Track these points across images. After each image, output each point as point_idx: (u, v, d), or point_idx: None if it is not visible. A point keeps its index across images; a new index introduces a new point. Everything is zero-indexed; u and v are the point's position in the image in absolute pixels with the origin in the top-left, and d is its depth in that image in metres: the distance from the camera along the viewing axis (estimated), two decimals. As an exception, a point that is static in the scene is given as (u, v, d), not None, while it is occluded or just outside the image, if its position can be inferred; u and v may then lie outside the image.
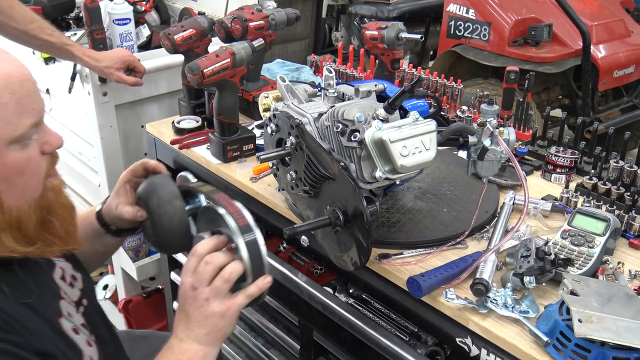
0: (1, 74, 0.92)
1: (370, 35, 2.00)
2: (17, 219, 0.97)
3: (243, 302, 1.08)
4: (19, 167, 0.95)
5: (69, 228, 1.07)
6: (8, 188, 0.95)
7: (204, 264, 1.06)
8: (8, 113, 0.92)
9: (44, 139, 1.00)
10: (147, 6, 3.01)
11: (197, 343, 1.07)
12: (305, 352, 1.66)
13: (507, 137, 1.38)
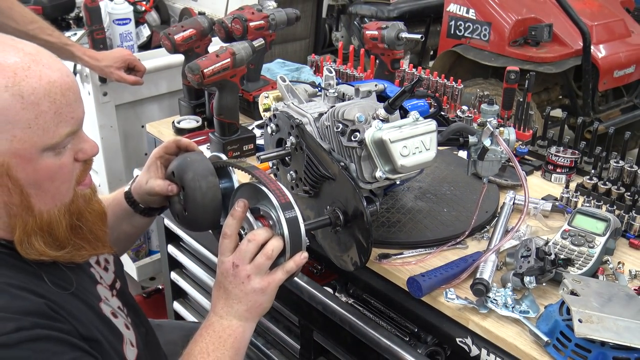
0: (44, 82, 0.91)
1: (370, 35, 2.00)
2: (47, 223, 0.97)
3: (282, 278, 1.10)
4: (51, 174, 0.95)
5: (98, 234, 1.07)
6: (38, 193, 0.95)
7: (246, 242, 1.09)
8: (46, 121, 0.91)
9: (79, 147, 1.00)
10: (147, 6, 3.01)
11: (237, 319, 1.10)
12: (305, 352, 1.66)
13: (507, 137, 1.38)
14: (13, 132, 0.89)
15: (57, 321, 0.92)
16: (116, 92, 2.40)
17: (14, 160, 0.90)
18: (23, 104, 0.88)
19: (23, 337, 0.86)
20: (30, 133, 0.90)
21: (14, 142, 0.89)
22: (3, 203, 0.94)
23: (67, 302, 0.98)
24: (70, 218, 1.01)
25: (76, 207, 1.02)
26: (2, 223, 0.96)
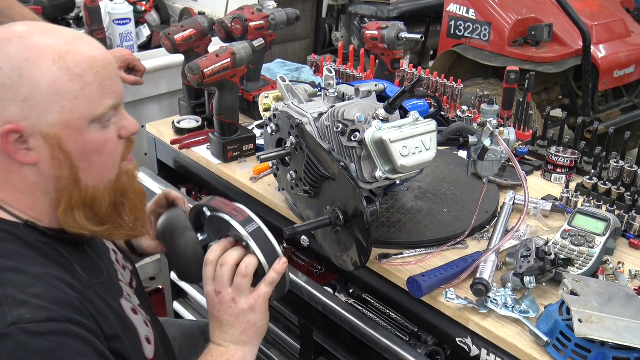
0: (87, 56, 0.96)
1: (370, 35, 2.00)
2: (91, 199, 1.01)
3: (267, 290, 1.10)
4: (98, 147, 0.99)
5: (138, 214, 1.11)
6: (86, 166, 0.99)
7: (219, 267, 1.09)
8: (91, 92, 0.96)
9: (121, 124, 1.04)
10: (147, 6, 3.01)
11: (235, 344, 1.10)
12: (305, 352, 1.66)
13: (507, 137, 1.38)
14: (62, 103, 0.94)
15: (86, 318, 0.93)
16: (116, 92, 2.39)
17: (65, 132, 0.95)
18: (70, 76, 0.94)
19: (53, 329, 0.87)
20: (77, 104, 0.95)
21: (63, 113, 0.94)
22: (54, 177, 0.97)
23: (93, 295, 0.99)
24: (115, 195, 1.05)
25: (121, 185, 1.06)
26: (48, 201, 0.99)
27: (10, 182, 0.97)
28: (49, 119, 0.94)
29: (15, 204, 0.98)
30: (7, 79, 0.92)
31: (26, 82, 0.92)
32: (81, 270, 1.00)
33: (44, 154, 0.95)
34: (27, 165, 0.96)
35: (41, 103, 0.93)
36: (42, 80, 0.92)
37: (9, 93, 0.92)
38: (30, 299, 0.87)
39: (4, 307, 0.85)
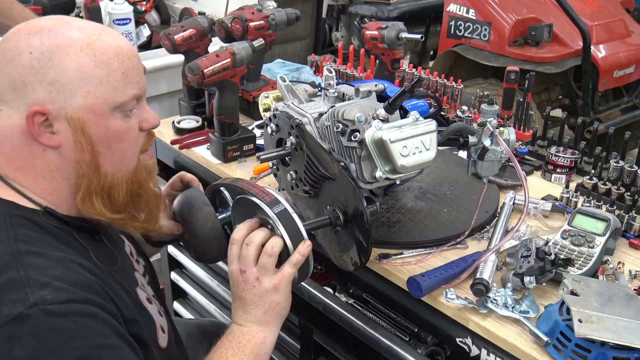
0: (113, 46, 1.00)
1: (370, 35, 2.00)
2: (109, 186, 1.03)
3: (291, 271, 1.12)
4: (119, 134, 1.02)
5: (153, 209, 1.13)
6: (107, 152, 1.01)
7: (245, 246, 1.11)
8: (115, 80, 1.00)
9: (143, 116, 1.07)
10: (147, 6, 3.01)
11: (257, 324, 1.12)
12: (305, 352, 1.66)
13: (507, 137, 1.38)
14: (87, 88, 0.97)
15: (105, 301, 0.94)
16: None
17: (88, 116, 0.98)
18: (96, 62, 0.98)
19: (73, 309, 0.88)
20: (102, 90, 0.98)
21: (87, 97, 0.97)
22: (75, 161, 1.00)
23: (112, 280, 1.01)
24: (132, 186, 1.07)
25: (138, 177, 1.08)
26: (68, 186, 1.01)
27: (33, 167, 1.00)
28: (73, 103, 0.97)
29: (35, 189, 1.01)
30: (37, 62, 0.95)
31: (54, 66, 0.95)
32: (96, 258, 1.02)
33: (67, 137, 0.98)
34: (50, 148, 0.98)
35: (67, 87, 0.96)
36: (70, 64, 0.96)
37: (38, 76, 0.95)
38: (51, 280, 0.89)
39: (25, 289, 0.87)
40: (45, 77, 0.95)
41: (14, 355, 0.84)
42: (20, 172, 1.00)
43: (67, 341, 0.86)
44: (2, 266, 0.89)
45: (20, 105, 0.96)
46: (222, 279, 1.99)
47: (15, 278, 0.88)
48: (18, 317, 0.85)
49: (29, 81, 0.95)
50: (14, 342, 0.84)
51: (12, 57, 0.96)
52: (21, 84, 0.95)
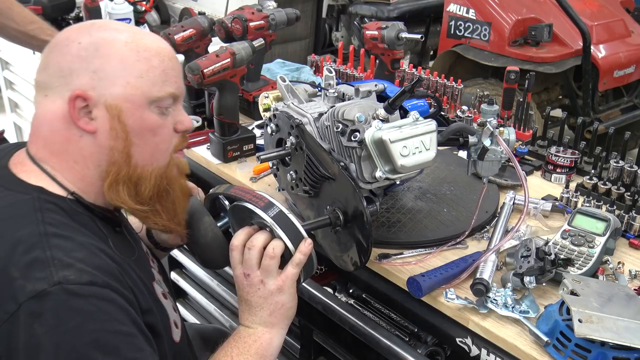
0: (155, 45, 1.06)
1: (370, 35, 2.00)
2: (138, 177, 1.05)
3: (294, 271, 1.13)
4: (154, 128, 1.06)
5: (178, 209, 1.14)
6: (140, 143, 1.04)
7: (247, 251, 1.13)
8: (155, 75, 1.04)
9: (179, 118, 1.11)
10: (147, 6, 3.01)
11: (263, 326, 1.14)
12: (305, 352, 1.66)
13: (507, 137, 1.38)
14: (127, 79, 1.02)
15: (125, 289, 0.97)
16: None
17: (126, 105, 1.02)
18: (138, 56, 1.03)
19: (93, 292, 0.90)
20: (141, 82, 1.03)
21: (127, 87, 1.02)
22: (108, 148, 1.03)
23: (131, 270, 1.03)
24: (161, 182, 1.09)
25: (169, 174, 1.10)
26: (98, 174, 1.04)
27: (67, 151, 1.03)
28: (113, 91, 1.01)
29: (66, 173, 1.04)
30: (84, 51, 1.01)
31: (100, 56, 1.01)
32: (115, 247, 1.04)
33: (103, 124, 1.01)
34: (86, 134, 1.02)
35: (109, 75, 1.01)
36: (114, 55, 1.01)
37: (84, 63, 1.00)
38: (75, 262, 0.91)
39: (50, 268, 0.89)
40: (90, 65, 1.00)
41: (34, 331, 0.86)
42: (54, 156, 1.03)
43: (85, 322, 0.89)
44: (30, 245, 0.92)
45: (64, 91, 1.01)
46: (222, 279, 1.99)
47: (41, 257, 0.91)
48: (41, 294, 0.87)
49: (75, 68, 1.01)
50: (35, 318, 0.87)
51: (62, 47, 1.03)
52: (68, 70, 1.01)
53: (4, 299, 0.88)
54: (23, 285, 0.88)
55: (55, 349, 0.87)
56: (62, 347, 0.87)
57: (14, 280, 0.88)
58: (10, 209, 0.97)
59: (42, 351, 0.86)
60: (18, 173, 1.04)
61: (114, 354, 0.90)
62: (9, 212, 0.97)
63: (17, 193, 1.00)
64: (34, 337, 0.86)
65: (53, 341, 0.87)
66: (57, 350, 0.87)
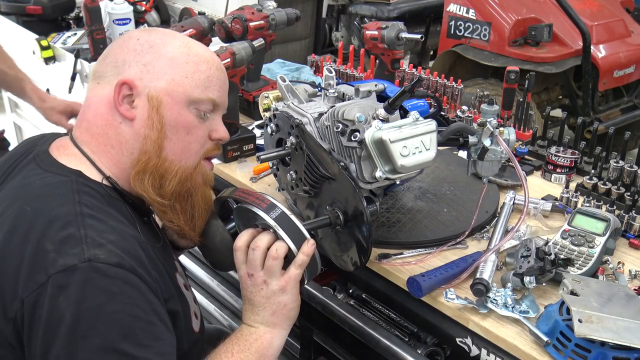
0: (207, 54, 1.15)
1: (370, 35, 2.00)
2: (164, 170, 1.09)
3: (297, 272, 1.15)
4: (188, 126, 1.11)
5: (196, 215, 1.17)
6: (173, 138, 1.09)
7: (251, 251, 1.14)
8: (199, 79, 1.11)
9: (215, 127, 1.17)
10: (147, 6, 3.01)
11: (264, 325, 1.15)
12: (305, 352, 1.66)
13: (507, 137, 1.38)
14: (173, 76, 1.09)
15: (149, 276, 0.99)
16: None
17: (166, 99, 1.08)
18: (187, 59, 1.10)
19: (119, 274, 0.94)
20: (185, 82, 1.09)
21: (171, 83, 1.08)
22: (143, 136, 1.08)
23: (155, 257, 1.06)
24: (184, 184, 1.12)
25: (193, 180, 1.14)
26: (130, 161, 1.09)
27: (107, 135, 1.09)
28: (157, 84, 1.08)
29: (103, 157, 1.09)
30: (140, 46, 1.09)
31: (152, 52, 1.09)
32: (142, 233, 1.07)
33: (142, 113, 1.07)
34: (126, 120, 1.08)
35: (157, 70, 1.08)
36: (165, 54, 1.09)
37: (136, 56, 1.09)
38: (106, 243, 0.95)
39: (82, 245, 0.93)
40: (142, 59, 1.08)
41: (59, 304, 0.90)
42: (94, 139, 1.09)
43: (108, 302, 0.92)
44: (66, 223, 0.96)
45: (114, 80, 1.08)
46: (222, 279, 1.99)
47: (75, 234, 0.94)
48: (70, 268, 0.91)
49: (128, 60, 1.09)
50: (61, 291, 0.90)
51: (122, 42, 1.12)
52: (121, 62, 1.09)
53: (36, 270, 0.92)
54: (55, 258, 0.92)
55: (74, 322, 0.89)
56: (81, 321, 0.90)
57: (48, 254, 0.92)
58: (50, 188, 1.02)
59: (62, 323, 0.89)
60: (59, 157, 1.09)
61: (131, 338, 0.92)
62: (48, 191, 1.01)
63: (57, 175, 1.05)
64: (57, 309, 0.90)
65: (74, 315, 0.90)
66: (76, 324, 0.89)
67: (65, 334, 0.89)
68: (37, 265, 0.92)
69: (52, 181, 1.03)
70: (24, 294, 0.91)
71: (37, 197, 1.00)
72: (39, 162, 1.08)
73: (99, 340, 0.90)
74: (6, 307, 0.93)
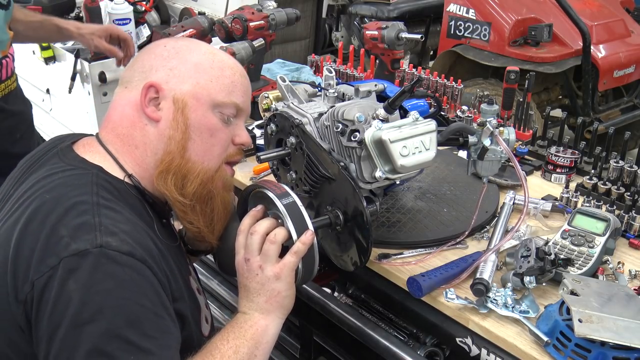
0: (232, 61, 1.19)
1: (370, 35, 2.00)
2: (187, 171, 1.12)
3: (293, 260, 1.15)
4: (212, 129, 1.14)
5: (215, 219, 1.19)
6: (196, 140, 1.12)
7: (249, 236, 1.15)
8: (224, 84, 1.15)
9: (239, 132, 1.20)
10: (147, 6, 3.01)
11: (259, 312, 1.15)
12: (305, 352, 1.66)
13: (507, 136, 1.38)
14: (198, 79, 1.13)
15: (160, 271, 1.02)
16: (116, 92, 2.39)
17: (191, 101, 1.12)
18: (212, 64, 1.15)
19: (130, 263, 0.96)
20: (210, 85, 1.13)
21: (196, 87, 1.13)
22: (167, 137, 1.11)
23: (170, 257, 1.08)
24: (205, 187, 1.14)
25: (214, 184, 1.16)
26: (154, 162, 1.12)
27: (131, 135, 1.12)
28: (183, 87, 1.12)
29: (127, 156, 1.12)
30: (167, 52, 1.15)
31: (179, 57, 1.14)
32: (159, 232, 1.10)
33: (168, 114, 1.11)
34: (151, 122, 1.12)
35: (183, 74, 1.13)
36: (191, 59, 1.14)
37: (163, 61, 1.13)
38: (119, 232, 0.98)
39: (96, 232, 0.96)
40: (168, 63, 1.13)
41: (68, 287, 0.92)
42: (119, 139, 1.13)
43: (116, 287, 0.93)
44: (82, 210, 0.99)
45: (141, 84, 1.12)
46: (222, 279, 1.99)
47: (90, 222, 0.97)
48: (82, 252, 0.93)
49: (155, 65, 1.13)
50: (71, 274, 0.92)
51: (150, 49, 1.18)
52: (149, 67, 1.14)
53: (49, 254, 0.94)
54: (68, 243, 0.94)
55: (81, 305, 0.91)
56: (88, 305, 0.91)
57: (62, 239, 0.95)
58: (70, 179, 1.05)
59: (70, 306, 0.91)
60: (83, 153, 1.12)
61: (135, 326, 0.93)
62: (69, 181, 1.05)
63: (78, 169, 1.08)
64: (66, 292, 0.91)
65: (82, 298, 0.91)
66: (83, 307, 0.91)
67: (71, 316, 0.91)
68: (50, 249, 0.94)
69: (73, 173, 1.07)
70: (35, 277, 0.93)
71: (58, 187, 1.04)
72: (62, 157, 1.12)
73: (104, 324, 0.91)
74: (18, 289, 0.95)
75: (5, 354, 0.99)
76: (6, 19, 1.86)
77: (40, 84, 2.91)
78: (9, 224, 1.02)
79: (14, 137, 1.98)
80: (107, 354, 0.90)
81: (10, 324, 0.97)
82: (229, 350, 1.07)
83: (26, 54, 2.61)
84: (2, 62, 1.90)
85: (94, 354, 0.90)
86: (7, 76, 1.92)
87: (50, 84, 2.78)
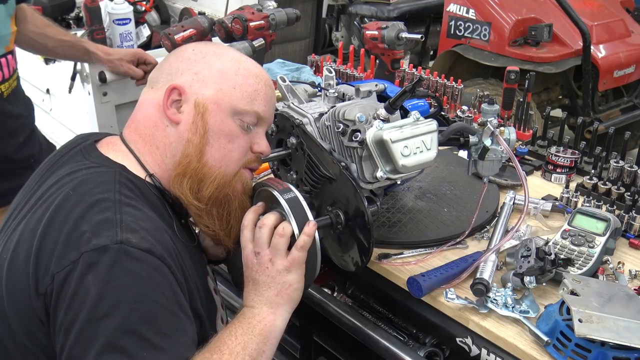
0: (257, 70, 1.19)
1: (370, 35, 2.01)
2: (203, 174, 1.13)
3: (300, 255, 1.15)
4: (231, 134, 1.15)
5: (232, 222, 1.19)
6: (214, 144, 1.13)
7: (258, 229, 1.16)
8: (247, 91, 1.16)
9: (258, 140, 1.20)
10: (147, 6, 3.01)
11: (268, 306, 1.14)
12: (305, 352, 1.66)
13: (508, 136, 1.38)
14: (221, 85, 1.14)
15: (178, 270, 1.03)
16: (116, 92, 2.39)
17: (212, 106, 1.13)
18: (237, 72, 1.16)
19: (149, 260, 0.97)
20: (232, 92, 1.14)
21: (218, 92, 1.14)
22: (186, 140, 1.13)
23: (187, 257, 1.10)
24: (222, 190, 1.15)
25: (231, 187, 1.17)
26: (172, 163, 1.13)
27: (153, 135, 1.14)
28: (205, 92, 1.13)
29: (148, 156, 1.14)
30: (194, 56, 1.16)
31: (205, 62, 1.15)
32: (178, 232, 1.11)
33: (188, 118, 1.12)
34: (172, 124, 1.13)
35: (207, 78, 1.14)
36: (216, 65, 1.15)
37: (189, 65, 1.15)
38: (139, 229, 0.99)
39: (117, 228, 0.98)
40: (194, 67, 1.15)
41: (86, 281, 0.93)
42: (141, 138, 1.15)
43: (133, 284, 0.94)
44: (105, 207, 1.01)
45: (166, 85, 1.14)
46: (222, 279, 1.98)
47: (112, 218, 0.99)
48: (103, 248, 0.95)
49: (181, 68, 1.15)
50: (90, 269, 0.94)
51: (178, 52, 1.19)
52: (175, 69, 1.15)
53: (70, 249, 0.96)
54: (89, 238, 0.96)
55: (98, 299, 0.92)
56: (105, 299, 0.92)
57: (83, 234, 0.96)
58: (94, 176, 1.07)
59: (87, 299, 0.92)
60: (106, 152, 1.14)
61: (151, 323, 0.94)
62: (93, 178, 1.07)
63: (102, 166, 1.10)
64: (84, 286, 0.93)
65: (99, 292, 0.92)
66: (100, 301, 0.92)
67: (88, 310, 0.92)
68: (71, 244, 0.96)
69: (96, 171, 1.09)
70: (56, 270, 0.95)
71: (81, 184, 1.05)
72: (86, 155, 1.14)
73: (119, 319, 0.92)
74: (39, 282, 0.96)
75: (24, 345, 1.00)
76: (8, 12, 1.86)
77: (40, 84, 2.91)
78: (34, 219, 1.04)
79: (17, 142, 1.97)
80: (120, 348, 0.91)
81: (30, 316, 0.98)
82: (237, 347, 1.06)
83: (26, 54, 2.60)
84: (7, 58, 1.88)
85: (108, 347, 0.91)
86: (10, 74, 1.91)
87: (50, 84, 2.78)
